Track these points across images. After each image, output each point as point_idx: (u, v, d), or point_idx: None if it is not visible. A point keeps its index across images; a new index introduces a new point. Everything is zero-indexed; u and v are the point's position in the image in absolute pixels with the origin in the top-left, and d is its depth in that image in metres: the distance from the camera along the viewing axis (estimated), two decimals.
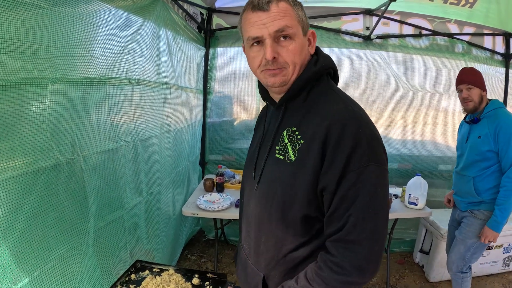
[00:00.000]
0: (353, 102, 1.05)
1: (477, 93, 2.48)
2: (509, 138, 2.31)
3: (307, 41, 1.09)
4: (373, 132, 0.98)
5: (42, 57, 1.37)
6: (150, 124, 2.43)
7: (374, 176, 0.95)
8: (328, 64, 1.11)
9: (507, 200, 2.30)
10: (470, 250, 2.56)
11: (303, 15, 1.05)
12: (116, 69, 1.94)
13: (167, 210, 2.89)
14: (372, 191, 0.95)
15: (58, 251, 1.48)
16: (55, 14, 1.44)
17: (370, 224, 0.94)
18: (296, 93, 1.09)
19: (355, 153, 0.93)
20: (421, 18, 3.66)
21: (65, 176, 1.52)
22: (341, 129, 0.95)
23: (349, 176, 0.94)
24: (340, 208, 0.96)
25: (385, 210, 0.99)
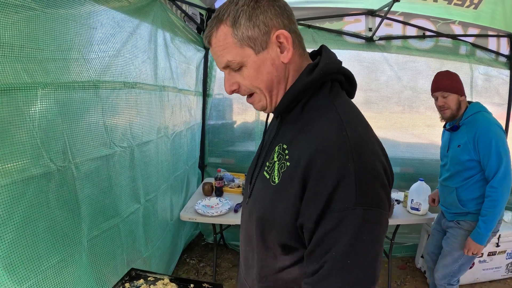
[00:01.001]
0: (354, 122, 0.86)
1: (454, 100, 2.35)
2: (490, 146, 2.18)
3: (277, 47, 0.89)
4: (370, 165, 0.81)
5: (33, 61, 1.33)
6: (147, 128, 2.37)
7: (361, 222, 0.78)
8: (330, 69, 0.91)
9: (492, 211, 2.18)
10: (458, 262, 2.45)
11: (253, 26, 0.86)
12: (110, 72, 1.89)
13: (164, 216, 2.84)
14: (353, 240, 0.78)
15: (50, 262, 1.44)
16: (47, 16, 1.40)
17: (347, 276, 0.79)
18: (285, 109, 0.95)
19: (339, 192, 0.77)
20: (424, 19, 3.60)
21: (56, 184, 1.47)
22: (326, 160, 0.79)
23: (329, 218, 0.79)
24: (317, 250, 0.82)
25: (373, 259, 0.81)
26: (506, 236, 3.31)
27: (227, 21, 0.86)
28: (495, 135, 2.20)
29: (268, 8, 0.86)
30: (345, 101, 0.93)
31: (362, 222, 0.78)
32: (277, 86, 0.92)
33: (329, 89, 0.92)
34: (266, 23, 0.86)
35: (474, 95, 3.81)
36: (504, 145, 2.20)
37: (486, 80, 3.85)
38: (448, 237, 2.51)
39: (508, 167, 2.17)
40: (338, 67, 0.94)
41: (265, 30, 0.86)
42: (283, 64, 0.90)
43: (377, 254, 0.82)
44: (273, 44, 0.88)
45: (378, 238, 0.82)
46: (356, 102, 0.97)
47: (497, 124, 2.28)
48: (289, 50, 0.89)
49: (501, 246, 3.33)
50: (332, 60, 0.93)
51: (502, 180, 2.16)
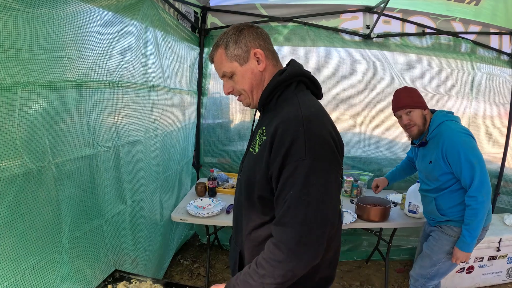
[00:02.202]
0: (308, 105, 1.21)
1: (418, 115, 2.34)
2: (459, 158, 2.14)
3: (255, 61, 1.29)
4: (316, 131, 1.12)
5: (14, 61, 1.31)
6: (134, 128, 2.34)
7: (309, 169, 1.08)
8: (294, 73, 1.30)
9: (474, 219, 2.13)
10: (436, 266, 2.40)
11: (238, 47, 1.27)
12: (95, 71, 1.86)
13: (153, 217, 2.81)
14: (305, 182, 1.07)
15: (28, 262, 1.42)
16: (29, 16, 1.39)
17: (302, 211, 1.07)
18: (265, 100, 1.31)
19: (292, 148, 1.09)
20: (424, 16, 3.52)
21: (35, 185, 1.45)
22: (284, 128, 1.13)
23: (288, 167, 1.10)
24: (281, 194, 1.12)
25: (321, 201, 1.09)
26: (507, 240, 3.24)
27: (222, 45, 1.30)
28: (461, 145, 2.16)
29: (248, 35, 1.28)
30: (306, 94, 1.30)
31: (310, 169, 1.08)
32: (257, 88, 1.33)
33: (294, 86, 1.30)
34: (246, 44, 1.28)
35: (475, 95, 3.74)
36: (474, 152, 2.15)
37: (488, 79, 3.76)
38: (430, 240, 2.47)
39: (482, 173, 2.11)
40: (300, 72, 1.32)
41: (245, 49, 1.28)
42: (260, 72, 1.31)
43: (326, 199, 1.10)
44: (252, 58, 1.29)
45: (326, 185, 1.11)
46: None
47: (462, 131, 2.24)
48: (263, 62, 1.30)
49: (502, 251, 3.26)
50: (296, 67, 1.34)
51: (479, 187, 2.11)
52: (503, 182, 3.96)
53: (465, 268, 3.26)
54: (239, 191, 1.41)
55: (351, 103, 3.73)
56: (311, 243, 1.08)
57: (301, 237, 1.06)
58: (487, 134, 3.90)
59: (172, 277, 3.23)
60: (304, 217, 1.06)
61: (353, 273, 3.62)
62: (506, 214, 3.61)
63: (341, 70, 3.64)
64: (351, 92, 3.71)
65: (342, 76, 3.67)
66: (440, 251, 2.36)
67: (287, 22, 3.46)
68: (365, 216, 2.82)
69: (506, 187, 4.00)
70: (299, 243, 1.06)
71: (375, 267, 3.73)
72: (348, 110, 3.75)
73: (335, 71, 3.64)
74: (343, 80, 3.68)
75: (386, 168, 3.78)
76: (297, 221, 1.07)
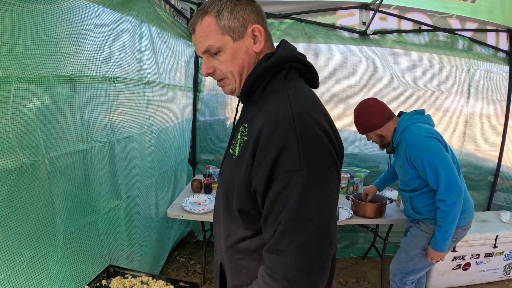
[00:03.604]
0: (300, 99, 0.99)
1: (373, 137, 2.45)
2: (422, 163, 2.16)
3: (251, 39, 1.06)
4: (311, 133, 0.92)
5: (8, 56, 1.32)
6: (128, 123, 2.34)
7: (305, 182, 0.87)
8: (285, 58, 1.06)
9: (445, 221, 2.15)
10: (412, 261, 2.44)
11: (233, 18, 1.03)
12: (89, 66, 1.87)
13: (149, 213, 2.81)
14: (301, 199, 0.87)
15: (22, 257, 1.43)
16: (24, 11, 1.39)
17: (301, 235, 0.87)
18: (249, 90, 1.09)
19: (283, 156, 0.89)
20: (420, 13, 3.52)
21: (29, 179, 1.46)
22: (271, 129, 0.92)
23: (277, 180, 0.90)
24: (271, 213, 0.92)
25: (322, 219, 0.89)
26: (504, 237, 3.23)
27: (212, 12, 1.03)
28: (423, 149, 2.17)
29: (247, 6, 1.05)
30: (299, 84, 1.08)
31: (307, 182, 0.88)
32: (247, 72, 1.09)
33: (285, 74, 1.07)
34: (244, 17, 1.04)
35: (472, 92, 3.75)
36: (438, 155, 2.14)
37: (485, 76, 3.77)
38: (407, 235, 2.53)
39: (449, 175, 2.11)
40: (292, 56, 1.08)
41: (243, 23, 1.04)
42: (255, 53, 1.08)
43: (328, 214, 0.90)
44: (248, 35, 1.06)
45: (327, 198, 0.91)
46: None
47: (425, 134, 2.22)
48: (261, 42, 1.07)
49: (498, 247, 3.26)
50: (287, 50, 1.08)
51: (447, 189, 2.11)
52: (500, 179, 3.98)
53: (461, 265, 3.26)
54: (217, 199, 1.21)
55: (348, 101, 3.73)
56: (315, 269, 0.88)
57: (302, 265, 0.87)
58: (484, 131, 3.91)
59: (168, 273, 3.23)
60: (304, 241, 0.87)
61: (349, 270, 3.62)
62: (502, 211, 3.61)
63: (338, 67, 3.65)
64: (348, 90, 3.72)
65: (339, 73, 3.67)
66: (415, 246, 2.40)
67: (283, 18, 3.45)
68: (361, 212, 2.83)
69: (502, 184, 4.02)
70: (300, 272, 0.87)
71: (371, 264, 3.73)
72: (345, 108, 3.74)
73: (332, 68, 3.64)
74: (340, 77, 3.68)
75: (382, 165, 3.79)
76: (295, 247, 0.87)
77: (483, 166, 3.98)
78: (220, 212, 1.15)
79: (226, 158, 1.17)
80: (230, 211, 1.08)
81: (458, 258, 3.20)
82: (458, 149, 3.82)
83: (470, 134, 3.85)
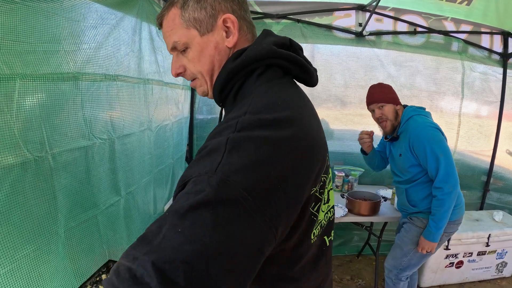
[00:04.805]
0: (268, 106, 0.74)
1: (390, 110, 2.43)
2: (424, 150, 2.23)
3: (224, 32, 0.88)
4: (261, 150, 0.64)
5: (13, 53, 1.33)
6: (128, 120, 2.36)
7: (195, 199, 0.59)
8: (256, 55, 0.83)
9: (440, 209, 2.21)
10: (406, 256, 2.49)
11: (200, 8, 0.86)
12: (91, 64, 1.88)
13: (147, 209, 2.83)
14: (176, 215, 0.59)
15: (24, 251, 1.44)
16: (29, 9, 1.41)
17: (146, 247, 0.55)
18: (218, 97, 0.91)
19: (194, 168, 0.68)
20: (416, 15, 3.58)
21: (33, 174, 1.47)
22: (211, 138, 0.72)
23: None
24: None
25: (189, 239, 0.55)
26: (497, 236, 3.29)
27: (177, 3, 0.88)
28: (427, 137, 2.25)
29: None
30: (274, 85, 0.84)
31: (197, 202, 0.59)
32: (218, 71, 0.90)
33: (257, 75, 0.85)
34: (213, 6, 0.87)
35: (466, 93, 3.80)
36: (439, 144, 2.23)
37: (479, 78, 3.82)
38: (401, 231, 2.58)
39: (448, 165, 2.19)
40: (268, 51, 0.84)
41: (211, 13, 0.87)
42: (227, 48, 0.89)
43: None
44: (219, 27, 0.88)
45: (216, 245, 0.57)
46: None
47: (429, 125, 2.31)
48: (235, 35, 0.88)
49: (491, 246, 3.32)
50: (262, 45, 0.86)
51: (445, 178, 2.19)
52: (493, 179, 4.03)
53: (454, 263, 3.31)
54: None
55: (344, 101, 3.77)
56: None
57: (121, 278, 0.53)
58: (477, 132, 3.96)
59: None
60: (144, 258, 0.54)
61: (344, 268, 3.67)
62: (495, 210, 3.67)
63: (334, 67, 3.68)
64: (344, 90, 3.75)
65: (335, 73, 3.71)
66: (409, 242, 2.45)
67: (281, 19, 3.49)
68: (355, 210, 2.87)
69: (495, 184, 4.07)
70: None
71: (366, 262, 3.78)
72: (342, 108, 3.78)
73: (329, 68, 3.68)
74: (336, 77, 3.72)
75: None
76: (130, 259, 0.55)
77: (476, 166, 4.03)
78: None
79: None
80: None
81: (451, 256, 3.25)
82: (452, 149, 3.84)
83: (463, 135, 3.90)
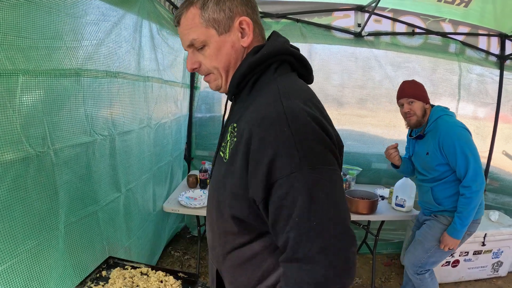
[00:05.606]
0: (292, 93, 0.91)
1: (419, 107, 2.45)
2: (454, 149, 2.25)
3: (239, 32, 0.99)
4: (308, 128, 0.83)
5: (15, 48, 1.34)
6: (129, 118, 2.37)
7: (311, 181, 0.79)
8: (274, 51, 0.98)
9: (467, 207, 2.24)
10: (427, 253, 2.50)
11: (219, 10, 0.95)
12: (93, 61, 1.90)
13: (146, 206, 2.84)
14: (309, 200, 0.79)
15: (26, 246, 1.45)
16: (31, 5, 1.41)
17: (318, 239, 0.79)
18: (236, 88, 1.02)
19: (280, 157, 0.80)
20: (414, 16, 3.59)
21: (35, 170, 1.48)
22: (264, 128, 0.84)
23: (277, 185, 0.81)
24: (279, 219, 0.83)
25: (336, 215, 0.81)
26: (492, 235, 3.32)
27: (197, 4, 0.95)
28: (457, 137, 2.27)
29: None
30: (290, 77, 1.00)
31: (311, 181, 0.80)
32: (234, 67, 1.01)
33: (274, 68, 0.99)
34: (231, 9, 0.96)
35: (462, 94, 3.82)
36: (469, 144, 2.26)
37: (475, 80, 3.84)
38: (423, 227, 2.57)
39: (477, 164, 2.22)
40: (283, 48, 1.00)
41: (229, 15, 0.96)
42: (242, 47, 1.00)
43: (341, 209, 0.83)
44: (235, 29, 0.98)
45: (335, 195, 0.83)
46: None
47: (459, 125, 2.34)
48: (249, 36, 0.99)
49: (487, 245, 3.34)
50: (278, 42, 1.01)
51: (473, 177, 2.21)
52: (488, 180, 4.05)
53: (450, 262, 3.33)
54: (210, 205, 1.12)
55: (341, 101, 3.78)
56: (341, 271, 0.80)
57: (326, 270, 0.79)
58: (474, 133, 3.94)
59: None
60: (324, 245, 0.79)
61: None
62: (491, 210, 3.70)
63: (332, 67, 3.70)
64: (341, 90, 3.77)
65: (333, 73, 3.72)
66: (432, 238, 2.45)
67: (280, 18, 3.50)
68: (353, 208, 2.89)
69: (491, 185, 4.09)
70: (326, 278, 0.79)
71: (363, 260, 3.79)
72: (339, 108, 3.80)
73: (327, 68, 3.69)
74: (334, 77, 3.74)
75: (374, 164, 3.85)
76: (315, 252, 0.79)
77: None
78: (214, 219, 1.07)
79: (216, 161, 1.09)
80: (223, 218, 1.00)
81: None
82: None
83: None
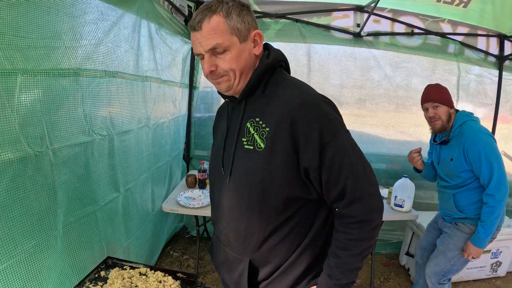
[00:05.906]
0: (306, 86, 1.20)
1: (444, 111, 2.40)
2: (479, 156, 2.21)
3: (252, 42, 1.16)
4: (330, 105, 1.16)
5: (14, 48, 1.34)
6: (127, 117, 2.37)
7: (347, 138, 1.13)
8: (279, 57, 1.23)
9: (490, 216, 2.20)
10: (450, 262, 2.45)
11: (241, 21, 1.11)
12: (92, 60, 1.89)
13: (145, 206, 2.84)
14: (352, 151, 1.12)
15: (24, 246, 1.45)
16: (30, 4, 1.41)
17: (364, 177, 1.13)
18: (253, 87, 1.19)
19: (325, 127, 1.08)
20: (413, 16, 3.60)
21: (33, 169, 1.48)
22: (307, 109, 1.09)
23: (328, 147, 1.08)
24: (332, 176, 1.10)
25: (365, 159, 1.16)
26: None
27: (220, 12, 1.08)
28: (482, 144, 2.23)
29: (249, 13, 1.14)
30: (292, 77, 1.25)
31: (349, 139, 1.14)
32: (248, 71, 1.17)
33: (280, 71, 1.24)
34: (249, 22, 1.14)
35: (461, 95, 3.82)
36: (494, 151, 2.22)
37: (474, 80, 3.84)
38: (444, 236, 2.52)
39: (501, 173, 2.19)
40: (282, 55, 1.26)
41: (248, 27, 1.13)
42: (254, 55, 1.18)
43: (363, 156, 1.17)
44: (250, 39, 1.15)
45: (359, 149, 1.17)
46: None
47: (484, 131, 2.31)
48: (260, 46, 1.18)
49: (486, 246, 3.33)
50: (277, 51, 1.25)
51: (497, 186, 2.18)
52: None
53: None
54: (234, 199, 1.24)
55: (340, 100, 3.77)
56: (380, 196, 1.16)
57: (377, 197, 1.14)
58: None
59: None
60: (369, 181, 1.13)
61: None
62: None
63: (331, 67, 3.70)
64: (340, 89, 3.77)
65: (332, 73, 3.73)
66: (455, 248, 2.41)
67: (279, 18, 3.50)
68: None
69: None
70: (378, 201, 1.15)
71: None
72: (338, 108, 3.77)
73: (326, 68, 3.70)
74: (333, 77, 3.74)
75: (373, 164, 3.83)
76: (367, 187, 1.12)
77: None
78: (244, 210, 1.21)
79: (239, 156, 1.21)
80: (266, 202, 1.17)
81: None
82: None
83: None
